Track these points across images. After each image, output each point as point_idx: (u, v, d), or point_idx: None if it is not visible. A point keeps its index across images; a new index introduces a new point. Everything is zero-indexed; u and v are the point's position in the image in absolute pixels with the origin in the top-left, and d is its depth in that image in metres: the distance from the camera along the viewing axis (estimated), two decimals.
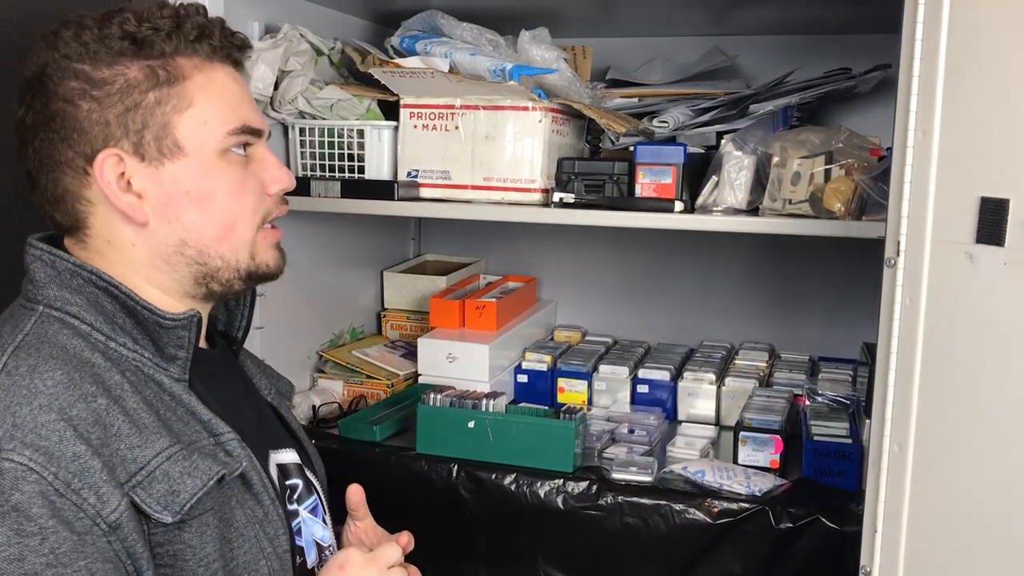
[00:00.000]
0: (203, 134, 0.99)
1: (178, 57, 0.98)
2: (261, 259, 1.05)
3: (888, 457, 0.99)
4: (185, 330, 0.99)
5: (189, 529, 0.91)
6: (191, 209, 0.99)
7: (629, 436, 1.63)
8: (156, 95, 0.97)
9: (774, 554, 1.39)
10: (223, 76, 1.02)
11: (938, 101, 0.93)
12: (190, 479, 0.91)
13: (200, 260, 1.01)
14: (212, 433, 0.98)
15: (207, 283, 1.02)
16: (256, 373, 1.20)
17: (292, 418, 1.22)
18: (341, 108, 1.71)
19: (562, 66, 1.66)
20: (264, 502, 1.00)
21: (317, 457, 1.22)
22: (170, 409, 0.96)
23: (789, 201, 1.46)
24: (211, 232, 1.00)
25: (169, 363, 0.99)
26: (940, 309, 0.95)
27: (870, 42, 1.86)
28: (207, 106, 0.99)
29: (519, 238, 2.22)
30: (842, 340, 1.95)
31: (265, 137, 1.06)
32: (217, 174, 1.00)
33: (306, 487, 1.12)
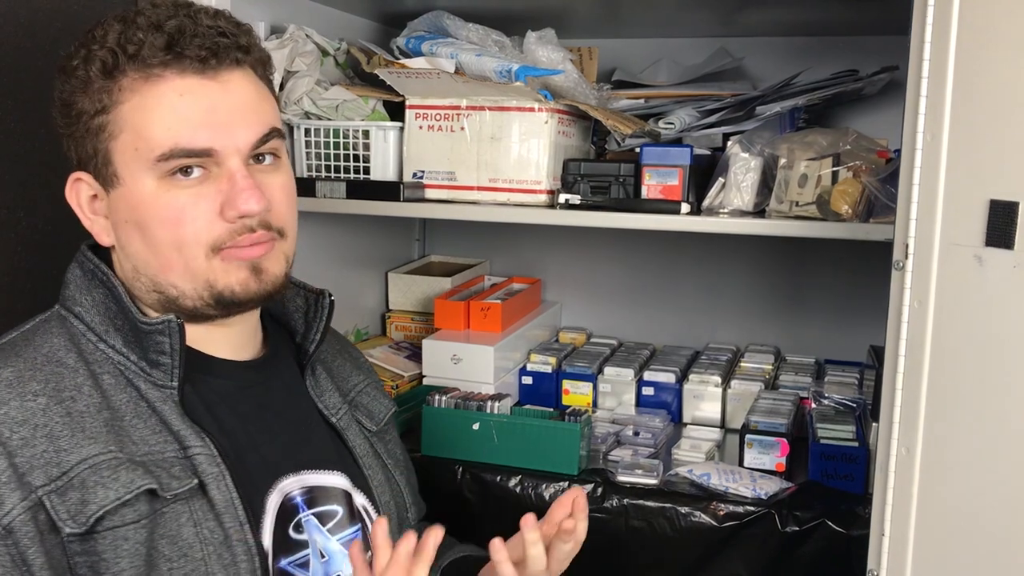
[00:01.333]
0: (135, 161, 0.94)
1: (121, 77, 0.94)
2: (223, 285, 0.97)
3: (896, 460, 0.99)
4: (163, 335, 0.95)
5: (103, 541, 0.87)
6: (134, 238, 0.97)
7: (634, 438, 1.63)
8: (98, 121, 0.95)
9: (780, 558, 1.38)
10: (166, 93, 0.93)
11: (947, 103, 0.93)
12: (103, 490, 0.87)
13: (156, 288, 0.98)
14: (181, 445, 0.94)
15: (176, 309, 0.98)
16: (327, 389, 1.14)
17: (361, 441, 1.14)
18: (347, 109, 1.71)
19: (568, 67, 1.65)
20: (226, 524, 0.94)
21: (387, 486, 1.14)
22: (141, 416, 0.94)
23: (796, 203, 1.45)
24: (155, 262, 0.97)
25: (154, 368, 0.97)
26: (949, 312, 0.94)
27: (877, 44, 1.85)
28: (136, 132, 0.93)
29: (524, 239, 2.22)
30: (848, 343, 1.95)
31: (239, 151, 0.95)
32: (152, 204, 0.94)
33: (350, 516, 1.07)
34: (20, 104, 1.31)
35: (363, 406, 1.19)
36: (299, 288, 1.14)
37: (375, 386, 1.24)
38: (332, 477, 1.07)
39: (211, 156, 0.94)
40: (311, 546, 1.02)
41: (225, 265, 0.97)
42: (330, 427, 1.12)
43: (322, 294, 1.13)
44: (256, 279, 0.98)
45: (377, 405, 1.21)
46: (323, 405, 1.13)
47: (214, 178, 0.95)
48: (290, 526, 1.01)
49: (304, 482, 1.04)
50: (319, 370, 1.15)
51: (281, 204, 1.00)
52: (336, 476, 1.07)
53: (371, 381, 1.24)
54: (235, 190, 0.95)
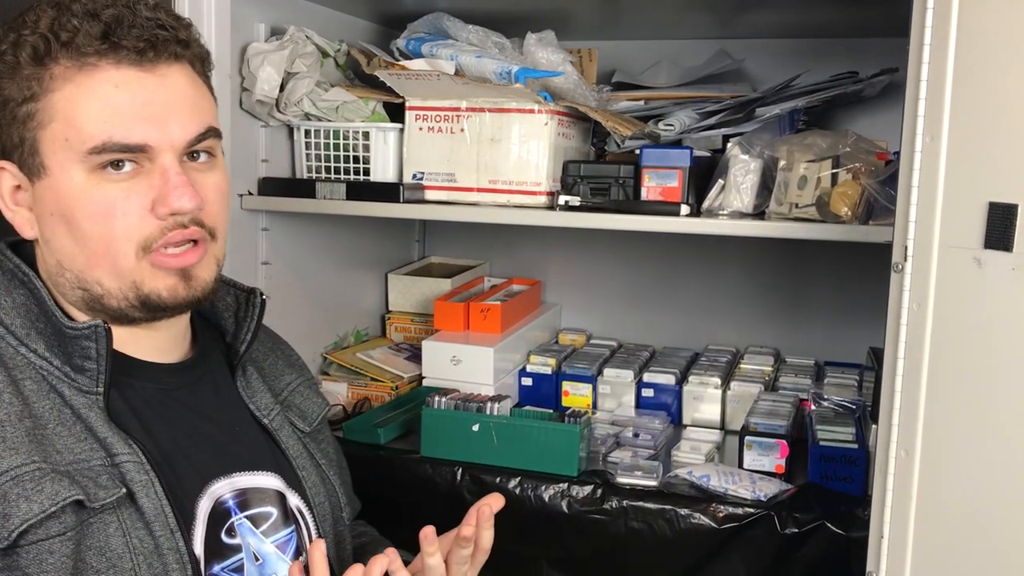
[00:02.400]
0: (64, 152, 0.90)
1: (52, 65, 0.90)
2: (149, 288, 0.93)
3: (895, 462, 0.99)
4: (89, 340, 0.92)
5: (26, 555, 0.84)
6: (60, 232, 0.93)
7: (634, 440, 1.63)
8: (26, 109, 0.91)
9: (779, 559, 1.38)
10: (101, 84, 0.90)
11: (946, 105, 0.93)
12: (26, 503, 0.83)
13: (80, 285, 0.94)
14: (108, 453, 0.91)
15: (100, 308, 0.95)
16: (259, 389, 1.12)
17: (294, 442, 1.12)
18: (347, 110, 1.71)
19: (568, 69, 1.66)
20: (156, 532, 0.91)
21: (321, 485, 1.12)
22: (65, 424, 0.91)
23: (796, 205, 1.46)
24: (81, 258, 0.93)
25: (78, 374, 0.93)
26: (948, 314, 0.94)
27: (877, 46, 1.85)
28: (68, 122, 0.90)
29: (524, 241, 2.22)
30: (848, 345, 1.95)
31: (173, 147, 0.92)
32: (80, 196, 0.90)
33: (283, 517, 1.04)
34: None
35: (295, 406, 1.16)
36: (229, 287, 1.11)
37: (308, 385, 1.21)
38: (264, 478, 1.04)
39: (144, 152, 0.91)
40: (244, 550, 0.99)
41: (153, 270, 0.94)
42: (262, 428, 1.09)
43: (253, 293, 1.10)
44: (185, 285, 0.96)
45: (310, 405, 1.17)
46: (254, 406, 1.10)
47: (146, 173, 0.92)
48: (223, 531, 0.98)
49: (236, 484, 1.01)
50: (250, 370, 1.12)
51: (214, 204, 0.97)
52: (269, 477, 1.05)
53: (304, 380, 1.21)
54: (168, 187, 0.92)
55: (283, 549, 1.03)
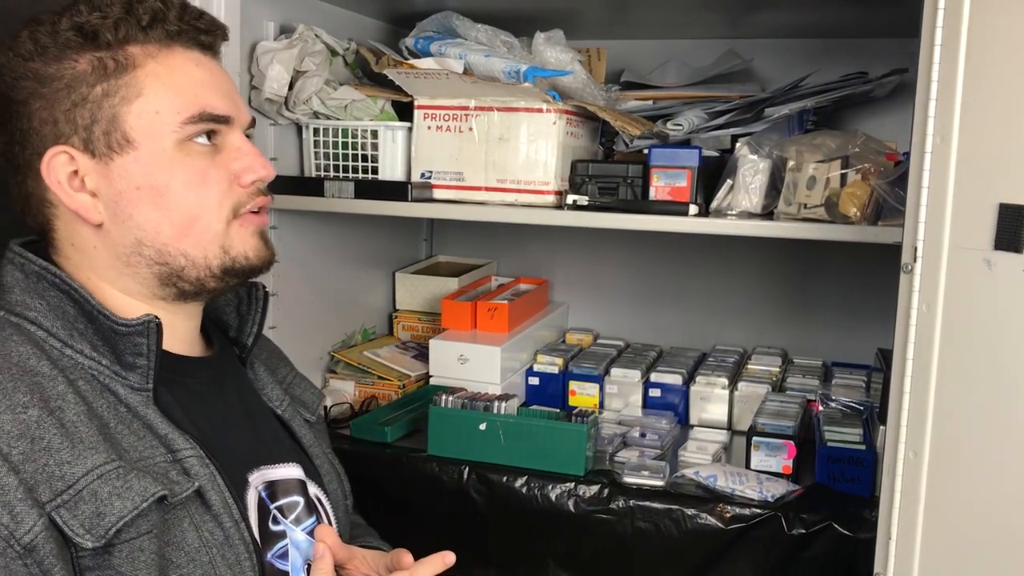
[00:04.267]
0: (155, 125, 0.93)
1: (129, 45, 0.94)
2: (238, 251, 0.98)
3: (903, 464, 0.99)
4: (141, 336, 0.93)
5: (119, 554, 0.84)
6: (144, 205, 0.94)
7: (641, 440, 1.63)
8: (104, 87, 0.93)
9: (786, 560, 1.38)
10: (183, 62, 0.96)
11: (957, 106, 0.92)
12: (119, 500, 0.84)
13: (160, 260, 0.96)
14: (170, 449, 0.92)
15: (174, 283, 0.97)
16: (268, 382, 1.14)
17: (306, 431, 1.15)
18: (355, 109, 1.71)
19: (577, 68, 1.65)
20: (225, 524, 0.93)
21: (334, 474, 1.16)
22: (124, 422, 0.91)
23: (804, 205, 1.45)
24: (169, 229, 0.95)
25: (129, 371, 0.93)
26: (957, 315, 0.94)
27: (886, 46, 1.85)
28: (159, 95, 0.94)
29: (531, 240, 2.22)
30: (856, 346, 1.94)
31: (241, 125, 1.00)
32: (172, 166, 0.94)
33: (308, 506, 1.06)
34: None
35: (297, 397, 1.18)
36: None
37: (301, 376, 1.24)
38: (288, 469, 1.06)
39: (227, 123, 0.98)
40: (289, 536, 1.02)
41: (241, 232, 0.99)
42: (277, 419, 1.12)
43: (255, 287, 1.12)
44: (265, 246, 1.02)
45: (309, 395, 1.20)
46: (267, 398, 1.12)
47: (221, 147, 0.98)
48: (268, 519, 1.00)
49: (265, 476, 1.03)
50: (257, 364, 1.14)
51: None
52: (292, 468, 1.07)
53: (295, 371, 1.24)
54: (250, 156, 0.99)
55: (311, 536, 1.05)
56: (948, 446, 0.96)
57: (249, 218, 1.00)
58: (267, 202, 1.02)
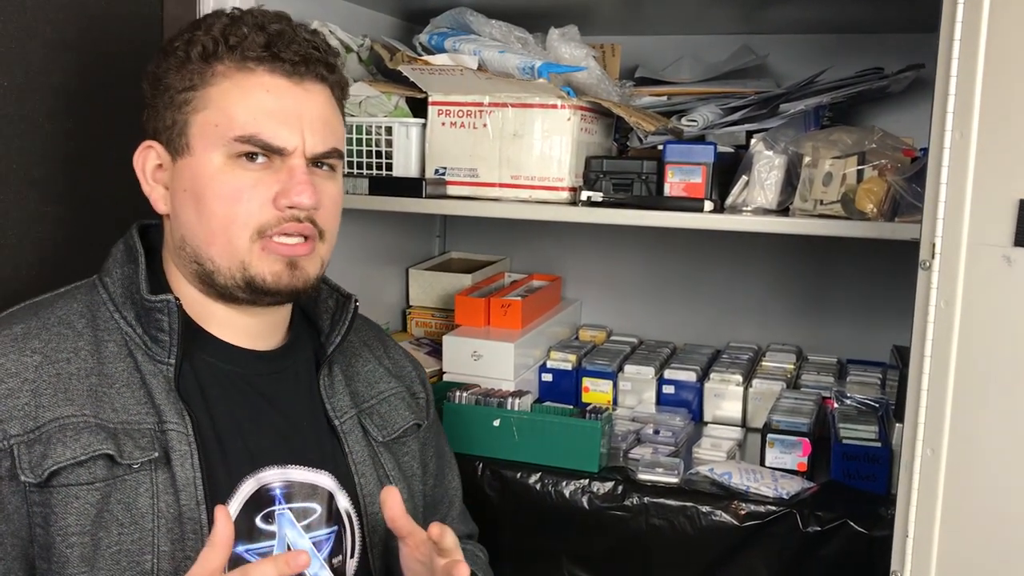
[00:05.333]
0: (210, 136, 1.01)
1: (216, 63, 1.02)
2: (255, 271, 1.02)
3: (920, 461, 0.98)
4: (161, 313, 1.01)
5: (56, 496, 0.93)
6: (188, 208, 1.03)
7: (655, 437, 1.62)
8: (185, 96, 1.02)
9: (801, 557, 1.37)
10: (255, 86, 1.01)
11: (976, 102, 0.92)
12: (62, 448, 0.93)
13: (196, 259, 1.04)
14: (160, 419, 0.99)
15: (209, 283, 1.04)
16: (340, 392, 1.15)
17: (361, 448, 1.13)
18: (369, 105, 1.71)
19: (591, 64, 1.65)
20: (182, 500, 0.97)
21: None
22: (131, 386, 1.00)
23: (820, 202, 1.45)
24: (202, 234, 1.02)
25: (154, 344, 1.02)
26: (976, 312, 0.94)
27: (902, 41, 1.84)
28: (221, 111, 1.01)
29: (544, 236, 2.22)
30: (870, 343, 1.94)
31: (306, 155, 1.03)
32: (214, 176, 1.01)
33: (327, 517, 1.07)
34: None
35: (379, 414, 1.19)
36: (332, 290, 1.19)
37: (403, 397, 1.23)
38: (317, 475, 1.08)
39: (280, 153, 1.02)
40: (279, 539, 1.03)
41: (263, 254, 1.02)
42: (332, 429, 1.13)
43: (349, 299, 1.17)
44: (289, 274, 1.04)
45: (395, 416, 1.20)
46: (330, 406, 1.14)
47: (275, 170, 1.02)
48: (259, 516, 1.02)
49: (286, 476, 1.05)
50: (336, 371, 1.17)
51: (328, 208, 1.07)
52: (322, 476, 1.08)
53: (402, 391, 1.24)
54: (292, 181, 1.01)
55: (319, 547, 1.06)
56: (966, 443, 0.95)
57: (273, 245, 1.02)
58: (302, 230, 1.03)
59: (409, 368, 1.31)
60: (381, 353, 1.28)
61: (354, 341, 1.22)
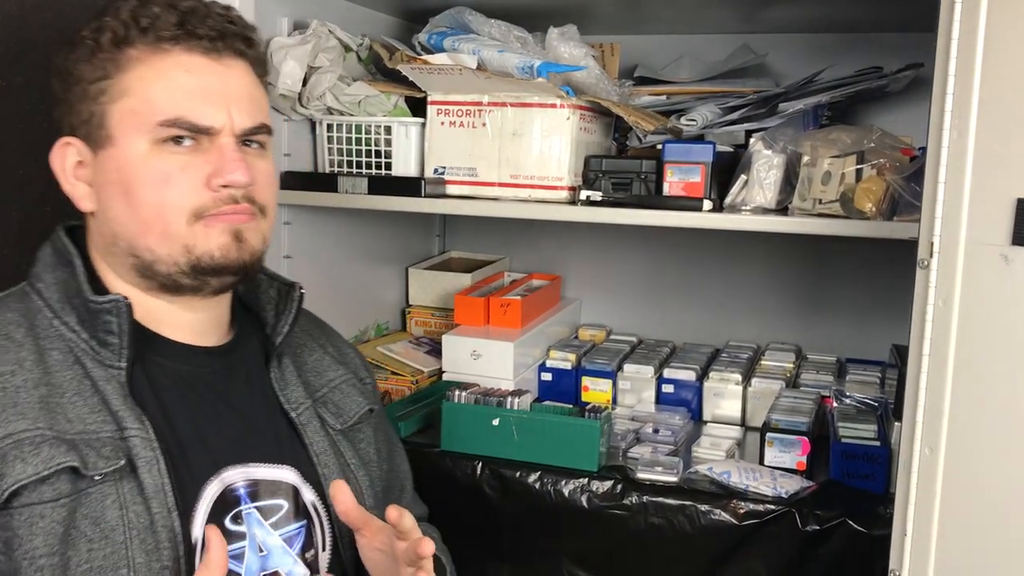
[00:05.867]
0: (132, 124, 0.97)
1: (128, 48, 0.98)
2: (202, 251, 0.98)
3: (919, 460, 0.98)
4: (110, 315, 0.97)
5: (19, 517, 0.88)
6: (118, 200, 0.99)
7: (654, 436, 1.62)
8: (99, 86, 0.98)
9: (800, 556, 1.38)
10: (172, 67, 0.98)
11: (974, 101, 0.92)
12: (21, 465, 0.88)
13: (132, 252, 1.00)
14: (120, 426, 0.95)
15: (150, 276, 1.00)
16: (293, 383, 1.13)
17: (321, 438, 1.12)
18: (369, 104, 1.71)
19: (590, 63, 1.65)
20: (153, 509, 0.93)
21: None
22: (83, 394, 0.95)
23: (819, 201, 1.45)
24: (134, 225, 0.98)
25: (103, 347, 0.98)
26: (974, 311, 0.94)
27: (901, 41, 1.84)
28: (140, 97, 0.97)
29: (544, 236, 2.22)
30: (870, 342, 1.94)
31: (235, 132, 1.00)
32: (140, 165, 0.97)
33: (295, 512, 1.05)
34: None
35: (333, 403, 1.17)
36: (272, 280, 1.16)
37: (353, 383, 1.22)
38: (280, 471, 1.05)
39: (207, 133, 0.99)
40: (249, 539, 1.00)
41: (206, 230, 0.99)
42: (289, 421, 1.11)
43: (292, 287, 1.14)
44: (237, 246, 1.00)
45: (348, 402, 1.18)
46: (284, 399, 1.11)
47: (203, 151, 0.99)
48: (227, 518, 0.99)
49: (249, 474, 1.03)
50: (286, 362, 1.14)
51: (264, 185, 1.04)
52: (284, 470, 1.06)
53: (350, 377, 1.22)
54: (223, 160, 0.98)
55: (291, 543, 1.04)
56: (964, 442, 0.95)
57: (215, 217, 0.99)
58: (239, 210, 1.00)
59: (351, 354, 1.29)
60: (324, 341, 1.25)
61: (297, 331, 1.18)
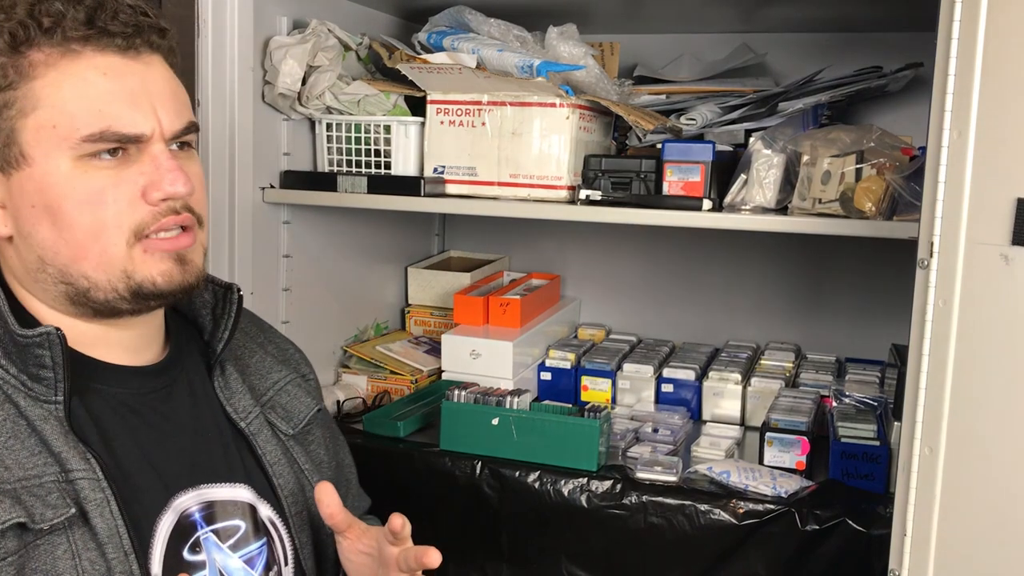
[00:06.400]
0: (51, 140, 0.87)
1: (32, 52, 0.87)
2: (143, 276, 0.90)
3: (919, 460, 0.98)
4: (42, 348, 0.87)
5: None
6: (42, 225, 0.89)
7: (653, 435, 1.62)
8: (3, 98, 0.87)
9: (799, 556, 1.38)
10: (86, 70, 0.87)
11: (974, 101, 0.92)
12: None
13: (64, 279, 0.90)
14: (63, 468, 0.86)
15: (84, 303, 0.91)
16: (238, 391, 1.06)
17: (273, 447, 1.06)
18: (368, 104, 1.71)
19: (590, 63, 1.65)
20: (108, 555, 0.86)
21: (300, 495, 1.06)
22: (19, 436, 0.86)
23: (819, 200, 1.45)
24: (66, 251, 0.89)
25: (35, 383, 0.88)
26: (974, 311, 0.93)
27: (901, 40, 1.84)
28: (55, 109, 0.86)
29: (543, 235, 2.22)
30: (869, 341, 1.94)
31: (165, 136, 0.91)
32: (67, 184, 0.87)
33: (254, 530, 0.99)
34: None
35: (280, 406, 1.10)
36: (207, 283, 1.06)
37: (298, 383, 1.15)
38: (233, 490, 0.99)
39: (138, 142, 0.89)
40: (209, 566, 0.95)
41: (146, 256, 0.91)
42: (239, 432, 1.04)
43: (231, 288, 1.06)
44: (180, 270, 0.93)
45: (296, 404, 1.12)
46: (231, 409, 1.04)
47: (133, 160, 0.90)
48: (185, 547, 0.93)
49: (203, 497, 0.96)
50: (229, 369, 1.07)
51: (200, 192, 0.96)
52: (238, 489, 1.00)
53: (295, 377, 1.15)
54: (160, 171, 0.90)
55: (252, 564, 0.99)
56: (964, 442, 0.95)
57: (156, 243, 0.91)
58: (182, 221, 0.92)
59: (291, 350, 1.22)
60: (263, 340, 1.18)
61: (236, 334, 1.08)
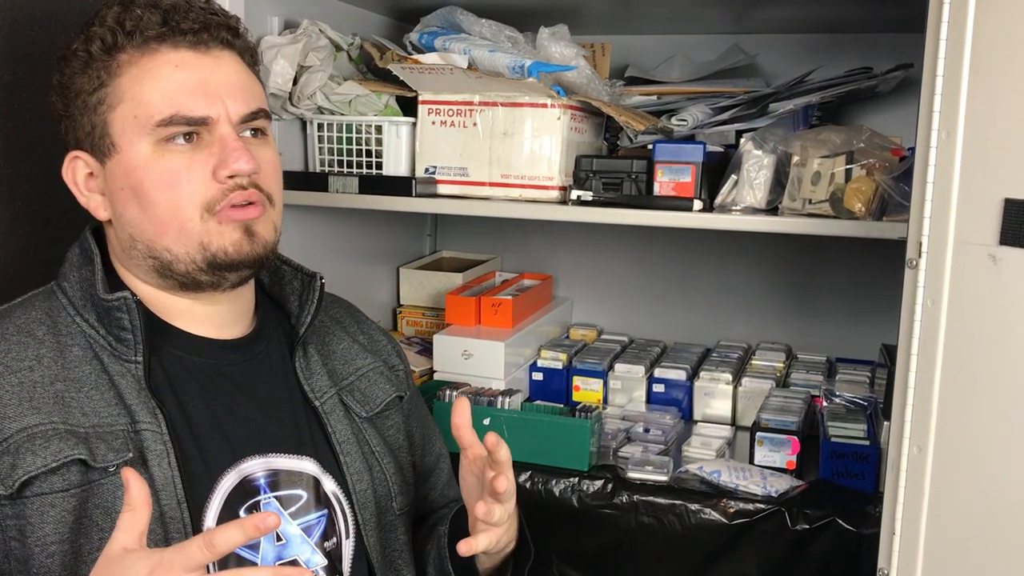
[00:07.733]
0: (132, 128, 0.99)
1: (119, 53, 1.00)
2: (216, 247, 1.01)
3: (907, 459, 0.99)
4: (120, 312, 0.99)
5: (31, 506, 0.92)
6: (130, 205, 1.01)
7: (644, 435, 1.63)
8: (97, 96, 1.00)
9: (790, 555, 1.38)
10: (162, 65, 1.00)
11: (962, 101, 0.92)
12: (31, 457, 0.92)
13: (150, 254, 1.02)
14: (133, 420, 0.98)
15: (169, 275, 1.03)
16: (318, 372, 1.15)
17: (344, 427, 1.14)
18: (359, 104, 1.71)
19: (581, 63, 1.65)
20: (162, 501, 0.96)
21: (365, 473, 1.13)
22: (99, 389, 0.98)
23: (809, 201, 1.45)
24: (150, 227, 1.01)
25: (119, 343, 1.00)
26: (962, 311, 0.94)
27: (891, 41, 1.84)
28: (136, 100, 0.99)
29: (535, 235, 2.22)
30: (860, 341, 1.94)
31: (231, 120, 1.01)
32: (147, 167, 0.99)
33: (315, 502, 1.07)
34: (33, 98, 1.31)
35: (359, 391, 1.19)
36: (296, 271, 1.17)
37: (382, 371, 1.23)
38: (300, 462, 1.07)
39: (206, 124, 1.00)
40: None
41: (220, 227, 1.00)
42: (312, 410, 1.12)
43: (314, 277, 1.16)
44: (249, 241, 1.02)
45: (375, 390, 1.20)
46: (308, 387, 1.13)
47: (206, 144, 1.00)
48: (243, 508, 1.01)
49: (269, 464, 1.05)
50: (311, 352, 1.16)
51: (269, 173, 1.05)
52: (305, 461, 1.08)
53: (379, 366, 1.24)
54: (226, 151, 1.00)
55: (309, 532, 1.06)
56: (953, 442, 0.96)
57: (227, 213, 1.01)
58: (248, 196, 1.02)
59: (384, 341, 1.31)
60: (355, 329, 1.27)
61: (325, 320, 1.21)
